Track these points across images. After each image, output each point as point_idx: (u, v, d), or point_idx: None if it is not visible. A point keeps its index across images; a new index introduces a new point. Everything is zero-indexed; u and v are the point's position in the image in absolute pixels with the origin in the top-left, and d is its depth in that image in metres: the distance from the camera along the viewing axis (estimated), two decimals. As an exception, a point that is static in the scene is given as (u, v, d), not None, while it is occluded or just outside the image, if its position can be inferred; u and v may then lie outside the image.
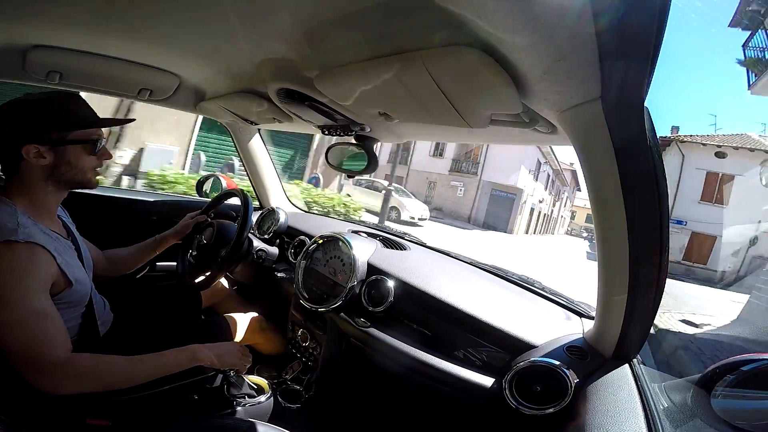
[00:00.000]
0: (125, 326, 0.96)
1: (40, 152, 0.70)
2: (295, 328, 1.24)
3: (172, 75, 1.09)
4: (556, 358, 0.74)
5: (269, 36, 0.67)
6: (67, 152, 0.73)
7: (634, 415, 0.56)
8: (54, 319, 0.67)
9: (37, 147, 0.70)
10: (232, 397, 0.87)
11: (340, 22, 0.55)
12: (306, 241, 1.30)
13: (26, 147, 0.69)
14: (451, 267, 1.18)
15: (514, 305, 0.97)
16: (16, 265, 0.63)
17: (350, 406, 1.08)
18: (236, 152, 1.67)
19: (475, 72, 0.50)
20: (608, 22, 0.37)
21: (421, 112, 0.69)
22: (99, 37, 0.87)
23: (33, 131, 0.70)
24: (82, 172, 0.77)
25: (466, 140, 1.12)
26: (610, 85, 0.46)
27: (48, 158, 0.71)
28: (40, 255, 0.66)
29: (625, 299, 0.64)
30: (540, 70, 0.46)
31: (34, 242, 0.66)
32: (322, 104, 0.86)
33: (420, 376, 0.85)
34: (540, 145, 1.06)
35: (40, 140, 0.70)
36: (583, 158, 0.58)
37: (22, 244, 0.64)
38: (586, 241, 31.84)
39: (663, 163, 0.52)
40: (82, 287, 0.76)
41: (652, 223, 0.56)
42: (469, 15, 0.41)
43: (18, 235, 0.64)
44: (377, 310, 0.99)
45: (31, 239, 0.65)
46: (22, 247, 0.64)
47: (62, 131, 0.72)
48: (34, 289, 0.65)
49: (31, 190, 0.73)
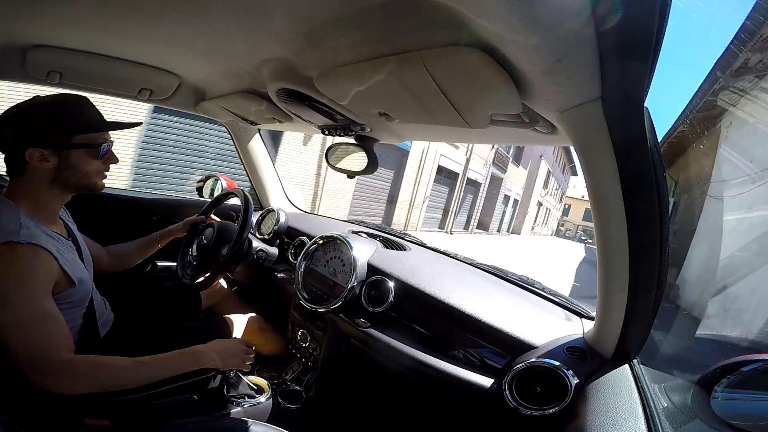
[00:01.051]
0: (125, 327, 0.96)
1: (43, 156, 0.70)
2: (295, 329, 1.24)
3: (172, 75, 1.09)
4: (556, 358, 0.74)
5: (269, 36, 0.67)
6: (71, 156, 0.73)
7: (634, 416, 0.56)
8: (56, 320, 0.67)
9: (41, 151, 0.70)
10: (232, 398, 0.87)
11: (340, 22, 0.55)
12: (306, 242, 1.30)
13: (30, 150, 0.69)
14: (451, 267, 1.18)
15: (514, 306, 0.97)
16: (18, 266, 0.63)
17: (350, 407, 1.08)
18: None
19: (475, 72, 0.50)
20: (608, 22, 0.37)
21: (421, 112, 0.69)
22: (99, 36, 0.87)
23: (36, 134, 0.70)
24: (87, 176, 0.77)
25: (467, 140, 1.12)
26: (610, 85, 0.46)
27: (52, 162, 0.71)
28: (42, 256, 0.66)
29: (625, 299, 0.64)
30: (540, 70, 0.46)
31: (37, 243, 0.66)
32: (322, 104, 0.86)
33: (420, 376, 0.85)
34: (540, 145, 1.07)
35: (43, 144, 0.70)
36: (583, 158, 0.58)
37: (25, 245, 0.64)
38: (580, 244, 23.16)
39: (663, 163, 0.52)
40: (83, 287, 0.76)
41: (652, 223, 0.56)
42: (470, 15, 0.41)
43: (20, 237, 0.64)
44: (377, 310, 0.99)
45: (33, 240, 0.65)
46: (25, 248, 0.64)
47: (66, 135, 0.73)
48: (36, 290, 0.65)
49: (35, 192, 0.73)
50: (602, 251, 0.64)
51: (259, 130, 1.59)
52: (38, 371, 0.63)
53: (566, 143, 0.67)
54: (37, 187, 0.73)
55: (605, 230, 0.62)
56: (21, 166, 0.71)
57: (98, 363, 0.69)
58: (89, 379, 0.68)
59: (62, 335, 0.67)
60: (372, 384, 1.03)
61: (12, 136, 0.70)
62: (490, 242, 13.37)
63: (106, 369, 0.70)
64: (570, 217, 41.92)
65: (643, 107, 0.47)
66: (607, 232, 0.61)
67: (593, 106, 0.49)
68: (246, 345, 0.90)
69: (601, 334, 0.75)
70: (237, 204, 1.21)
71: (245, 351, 0.89)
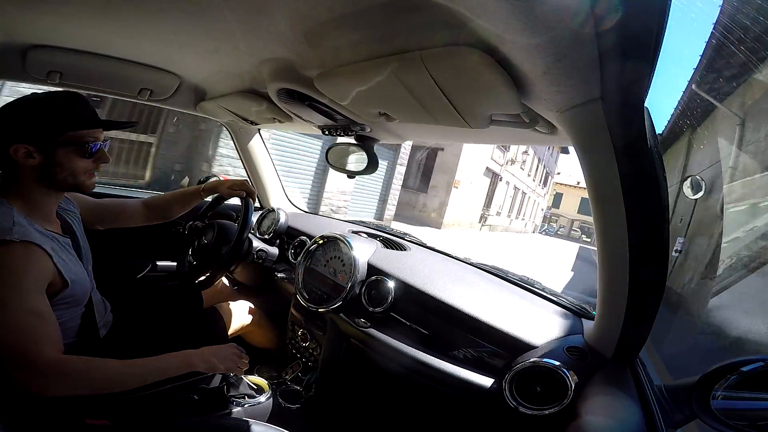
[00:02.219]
0: (126, 328, 0.96)
1: (29, 152, 0.69)
2: (295, 329, 1.23)
3: (173, 75, 1.09)
4: (557, 358, 0.74)
5: (269, 36, 0.67)
6: (56, 154, 0.71)
7: (634, 416, 0.56)
8: (47, 320, 0.65)
9: (27, 147, 0.68)
10: (232, 397, 0.87)
11: (340, 22, 0.55)
12: (306, 242, 1.31)
13: (14, 147, 0.68)
14: (451, 267, 1.18)
15: (514, 306, 0.97)
16: (11, 264, 0.63)
17: (350, 407, 1.08)
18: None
19: (475, 72, 0.50)
20: (608, 22, 0.37)
21: (421, 113, 0.69)
22: (99, 36, 0.87)
23: (21, 131, 0.69)
24: (73, 175, 0.74)
25: (467, 140, 1.12)
26: (610, 85, 0.46)
27: (37, 159, 0.69)
28: (36, 254, 0.66)
29: (625, 299, 0.64)
30: (540, 70, 0.46)
31: (30, 241, 0.65)
32: (322, 104, 0.86)
33: (420, 376, 0.85)
34: (540, 145, 1.07)
35: (27, 140, 0.68)
36: (583, 158, 0.58)
37: (18, 243, 0.63)
38: (575, 244, 17.23)
39: (663, 163, 0.52)
40: (80, 286, 0.75)
41: (652, 223, 0.56)
42: (470, 15, 0.41)
43: (13, 234, 0.63)
44: (377, 310, 0.99)
45: (26, 238, 0.65)
46: (18, 246, 0.64)
47: (51, 132, 0.70)
48: (28, 288, 0.64)
49: (26, 190, 0.72)
50: (602, 251, 0.64)
51: (259, 130, 1.59)
52: (23, 371, 0.61)
53: (566, 143, 0.67)
54: (27, 184, 0.72)
55: (605, 230, 0.62)
56: (9, 163, 0.70)
57: (86, 365, 0.66)
58: (76, 381, 0.65)
59: (52, 335, 0.65)
60: (372, 384, 1.03)
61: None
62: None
63: (95, 371, 0.67)
64: (562, 210, 31.61)
65: (643, 107, 0.47)
66: (607, 232, 0.61)
67: (593, 106, 0.49)
68: (238, 350, 0.87)
69: (601, 334, 0.75)
70: (237, 204, 1.21)
71: (237, 355, 0.86)
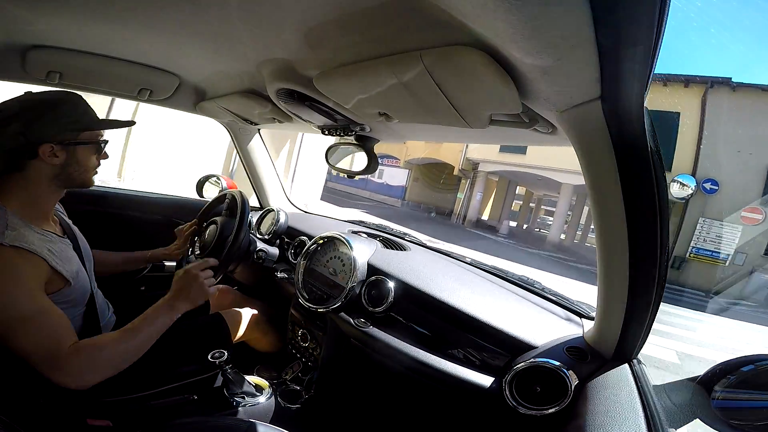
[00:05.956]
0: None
1: (54, 151, 0.71)
2: (295, 329, 1.23)
3: (172, 75, 1.09)
4: (556, 358, 0.74)
5: (269, 36, 0.67)
6: (77, 152, 0.75)
7: (634, 416, 0.56)
8: (54, 314, 0.67)
9: (52, 146, 0.71)
10: (232, 397, 0.87)
11: (340, 22, 0.55)
12: (306, 242, 1.30)
13: (43, 146, 0.70)
14: (451, 268, 1.18)
15: (514, 306, 0.97)
16: (2, 269, 0.62)
17: (350, 407, 1.08)
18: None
19: (475, 72, 0.50)
20: (608, 22, 0.37)
21: (421, 112, 0.69)
22: (99, 36, 0.87)
23: (50, 130, 0.71)
24: (86, 172, 0.79)
25: (467, 140, 1.12)
26: (610, 85, 0.45)
27: (60, 157, 0.73)
28: (27, 258, 0.65)
29: (625, 299, 0.64)
30: (540, 70, 0.46)
31: (20, 246, 0.64)
32: (322, 104, 0.86)
33: (420, 376, 0.85)
34: (540, 145, 1.07)
35: (56, 139, 0.71)
36: (583, 158, 0.58)
37: (8, 248, 0.63)
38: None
39: (663, 162, 0.52)
40: (80, 285, 0.76)
41: (652, 222, 0.56)
42: (470, 15, 0.41)
43: (4, 239, 0.63)
44: (377, 310, 0.99)
45: (17, 243, 0.64)
46: (8, 250, 0.63)
47: (76, 131, 0.74)
48: (26, 290, 0.64)
49: (31, 189, 0.72)
50: (602, 251, 0.64)
51: (259, 130, 1.59)
52: (54, 367, 0.63)
53: (566, 143, 0.67)
54: (35, 183, 0.72)
55: (605, 230, 0.62)
56: (24, 161, 0.70)
57: (97, 343, 0.69)
58: (97, 362, 0.67)
59: (65, 327, 0.67)
60: (372, 384, 1.03)
61: (21, 131, 0.69)
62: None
63: (104, 346, 0.69)
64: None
65: (643, 107, 0.47)
66: (607, 232, 0.61)
67: (593, 106, 0.49)
68: (198, 271, 0.84)
69: (601, 334, 0.75)
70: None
71: (203, 276, 0.83)
